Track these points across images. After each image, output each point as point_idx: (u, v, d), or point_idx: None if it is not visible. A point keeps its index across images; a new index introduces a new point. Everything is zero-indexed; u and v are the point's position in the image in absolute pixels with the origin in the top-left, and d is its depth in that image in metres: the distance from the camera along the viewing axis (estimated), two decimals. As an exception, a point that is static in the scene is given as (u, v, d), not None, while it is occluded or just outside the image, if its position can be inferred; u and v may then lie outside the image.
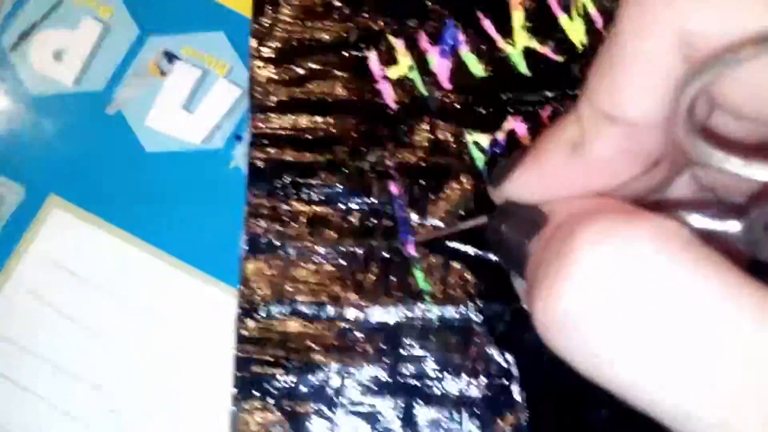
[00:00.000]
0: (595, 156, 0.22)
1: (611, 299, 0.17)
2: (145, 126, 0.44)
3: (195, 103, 0.45)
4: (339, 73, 0.43)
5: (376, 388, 0.40)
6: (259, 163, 0.42)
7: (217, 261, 0.42)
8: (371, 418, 0.39)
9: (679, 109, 0.19)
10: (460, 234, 0.40)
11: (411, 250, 0.41)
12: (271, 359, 0.40)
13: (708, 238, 0.19)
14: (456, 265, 0.41)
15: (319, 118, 0.42)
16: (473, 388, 0.39)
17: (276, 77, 0.43)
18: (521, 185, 0.25)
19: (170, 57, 0.45)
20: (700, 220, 0.21)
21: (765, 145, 0.22)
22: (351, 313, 0.40)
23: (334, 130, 0.42)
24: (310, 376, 0.40)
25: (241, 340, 0.40)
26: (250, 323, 0.40)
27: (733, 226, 0.21)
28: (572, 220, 0.20)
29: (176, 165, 0.44)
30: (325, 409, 0.39)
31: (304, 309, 0.40)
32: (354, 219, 0.41)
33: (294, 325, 0.40)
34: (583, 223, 0.19)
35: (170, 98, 0.44)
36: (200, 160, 0.44)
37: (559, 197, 0.24)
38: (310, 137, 0.42)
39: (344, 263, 0.41)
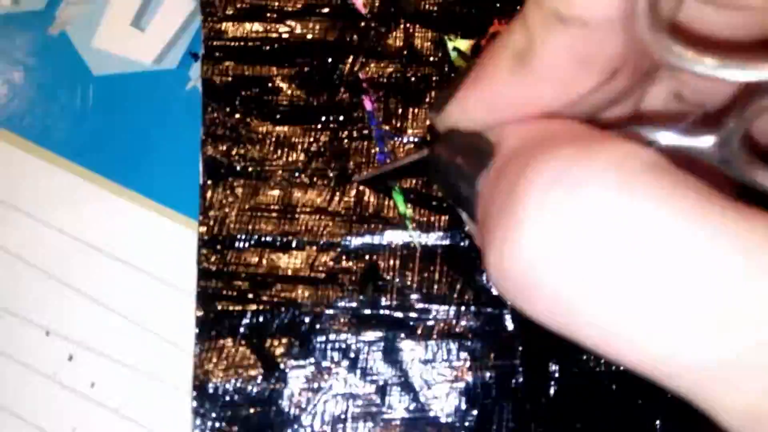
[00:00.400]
0: (544, 65, 0.19)
1: (574, 248, 0.16)
2: (92, 47, 0.41)
3: (145, 20, 0.41)
4: (301, -25, 0.38)
5: (354, 322, 0.36)
6: (215, 79, 0.38)
7: (175, 191, 0.39)
8: (350, 352, 0.36)
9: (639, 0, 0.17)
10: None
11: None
12: (238, 294, 0.36)
13: (682, 158, 0.17)
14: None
15: (280, 27, 0.38)
16: (462, 318, 0.36)
17: (231, -18, 0.38)
18: (464, 108, 0.22)
19: (117, -31, 0.41)
20: (669, 137, 0.19)
21: (743, 41, 0.19)
22: (324, 243, 0.37)
23: (297, 39, 0.38)
24: (279, 311, 0.36)
25: (204, 274, 0.36)
26: (213, 256, 0.36)
27: (707, 141, 0.18)
28: (523, 152, 0.18)
29: (127, 88, 0.41)
30: (297, 346, 0.36)
31: (270, 239, 0.36)
32: (324, 138, 0.37)
33: (260, 257, 0.36)
34: (535, 158, 0.17)
35: (118, 15, 0.41)
36: (153, 81, 0.41)
37: (506, 120, 0.21)
38: (269, 47, 0.38)
39: (314, 188, 0.37)
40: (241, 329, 0.36)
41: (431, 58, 0.38)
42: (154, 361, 0.38)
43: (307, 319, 0.36)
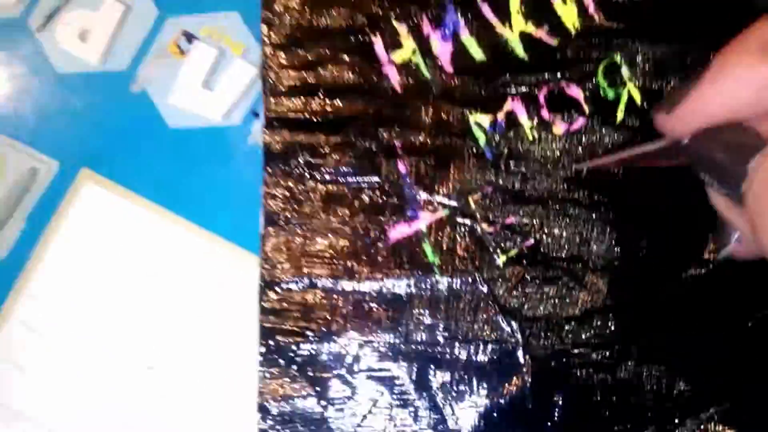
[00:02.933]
0: None
1: None
2: (168, 103, 0.47)
3: (214, 82, 0.48)
4: (346, 58, 0.45)
5: (390, 354, 0.43)
6: (275, 145, 0.45)
7: (239, 229, 0.46)
8: (387, 381, 0.43)
9: None
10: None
11: (421, 225, 0.44)
12: (293, 329, 0.43)
13: None
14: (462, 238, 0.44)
15: (329, 101, 0.45)
16: (481, 353, 0.43)
17: (286, 62, 0.45)
18: (701, 105, 0.23)
19: (189, 37, 0.48)
20: None
21: None
22: (365, 286, 0.44)
23: (343, 113, 0.45)
24: (329, 345, 0.43)
25: (265, 311, 0.44)
26: (272, 295, 0.44)
27: None
28: None
29: (198, 140, 0.47)
30: (345, 374, 0.43)
31: (320, 282, 0.44)
32: (365, 196, 0.44)
33: (312, 297, 0.44)
34: None
35: (190, 77, 0.47)
36: (221, 135, 0.48)
37: (750, 109, 0.22)
38: (320, 119, 0.45)
39: (357, 239, 0.44)
40: (297, 359, 0.43)
41: (455, 130, 0.45)
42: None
43: (352, 351, 0.43)
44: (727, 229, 0.29)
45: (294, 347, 0.44)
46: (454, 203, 0.44)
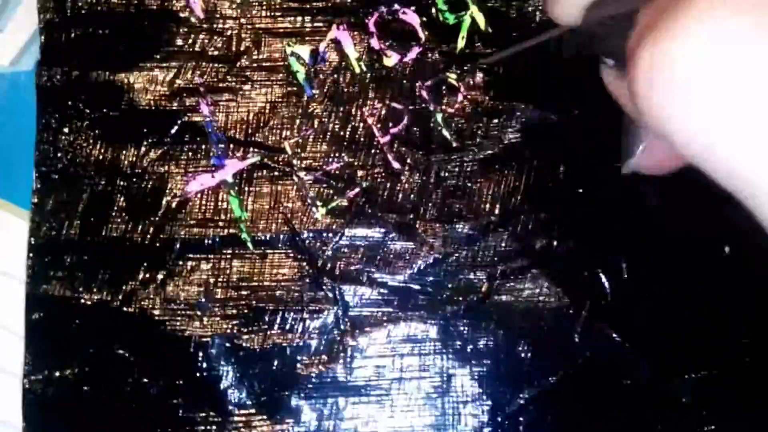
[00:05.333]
0: None
1: (723, 65, 0.18)
2: None
3: (1, 23, 0.41)
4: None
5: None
6: (52, 86, 0.38)
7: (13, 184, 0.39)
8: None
9: None
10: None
11: (226, 176, 0.37)
12: (65, 295, 0.36)
13: None
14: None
15: (118, 33, 0.38)
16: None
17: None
18: None
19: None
20: None
21: None
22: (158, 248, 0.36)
23: (137, 48, 0.38)
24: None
25: (34, 275, 0.36)
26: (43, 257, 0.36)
27: None
28: None
29: None
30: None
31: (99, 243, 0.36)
32: (156, 141, 0.37)
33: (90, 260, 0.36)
34: None
35: None
36: (7, 81, 0.40)
37: None
38: (108, 54, 0.38)
39: (145, 193, 0.37)
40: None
41: (269, 63, 0.38)
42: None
43: None
44: (631, 138, 0.28)
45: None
46: (266, 149, 0.37)
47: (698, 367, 0.36)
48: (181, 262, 0.36)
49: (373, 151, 0.37)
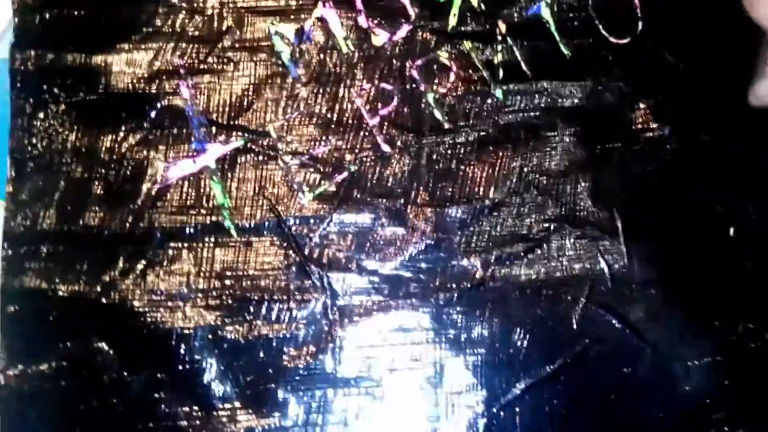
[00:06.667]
0: None
1: None
2: None
3: None
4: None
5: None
6: (25, 69, 0.36)
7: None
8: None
9: None
10: None
11: (208, 161, 0.35)
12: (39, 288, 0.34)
13: None
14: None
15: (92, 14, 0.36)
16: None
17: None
18: None
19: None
20: None
21: None
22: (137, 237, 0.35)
23: (111, 30, 0.36)
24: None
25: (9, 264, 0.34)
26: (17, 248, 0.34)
27: None
28: None
29: None
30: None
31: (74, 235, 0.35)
32: (135, 126, 0.35)
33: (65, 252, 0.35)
34: None
35: None
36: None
37: None
38: (83, 37, 0.36)
39: (124, 180, 0.35)
40: None
41: (253, 44, 0.36)
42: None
43: None
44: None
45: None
46: (250, 133, 0.35)
47: (701, 354, 0.35)
48: (162, 252, 0.35)
49: (361, 133, 0.36)
